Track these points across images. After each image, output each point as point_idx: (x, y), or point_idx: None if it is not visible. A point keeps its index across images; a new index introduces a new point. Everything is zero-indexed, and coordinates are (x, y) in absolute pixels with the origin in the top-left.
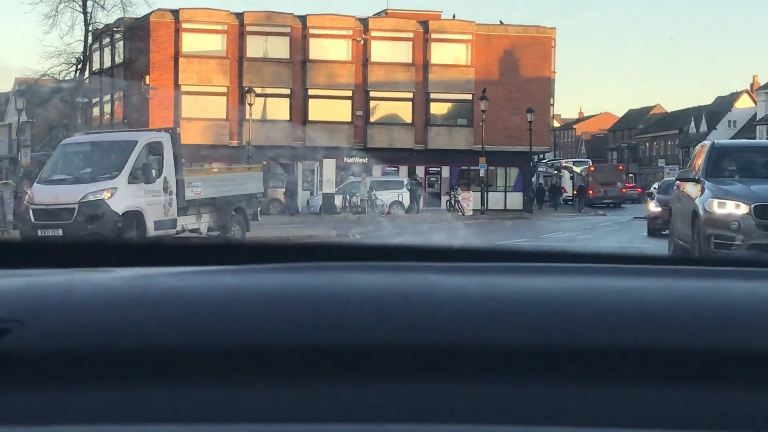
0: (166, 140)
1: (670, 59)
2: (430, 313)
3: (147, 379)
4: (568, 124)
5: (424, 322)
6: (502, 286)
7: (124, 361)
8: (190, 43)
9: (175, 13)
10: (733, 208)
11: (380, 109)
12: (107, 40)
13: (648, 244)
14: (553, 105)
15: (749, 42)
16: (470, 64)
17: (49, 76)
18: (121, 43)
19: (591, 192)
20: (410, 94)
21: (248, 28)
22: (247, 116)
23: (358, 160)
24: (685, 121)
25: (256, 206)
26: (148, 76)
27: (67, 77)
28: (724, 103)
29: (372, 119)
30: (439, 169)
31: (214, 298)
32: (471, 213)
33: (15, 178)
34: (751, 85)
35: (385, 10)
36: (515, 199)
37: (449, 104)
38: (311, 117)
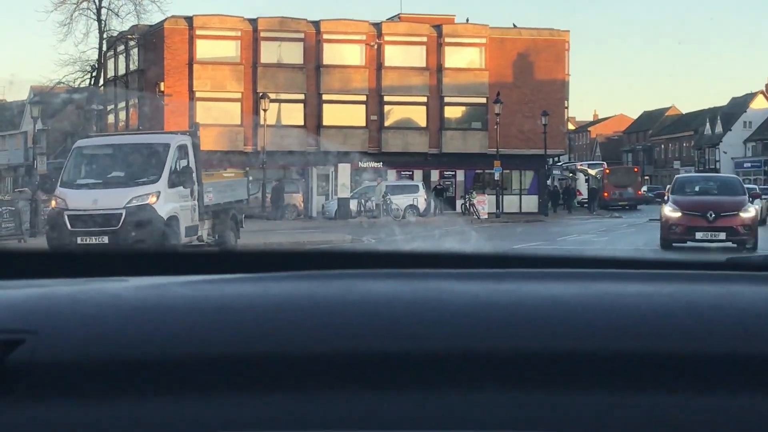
0: (189, 143)
1: (684, 60)
2: (443, 321)
3: (160, 388)
4: (583, 127)
5: (437, 330)
6: (515, 293)
7: (137, 370)
8: (204, 50)
9: (189, 20)
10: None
11: (394, 114)
12: (122, 48)
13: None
14: (568, 108)
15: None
16: (484, 68)
17: (64, 84)
18: (135, 51)
19: (606, 194)
20: (424, 98)
21: (262, 34)
22: (262, 122)
23: (373, 164)
24: (700, 122)
25: (241, 213)
26: (162, 83)
27: (82, 85)
28: (739, 104)
29: (386, 124)
30: (453, 173)
31: (227, 307)
32: (486, 216)
33: (31, 186)
34: (767, 86)
35: (399, 14)
36: (530, 203)
37: (463, 108)
38: (325, 122)
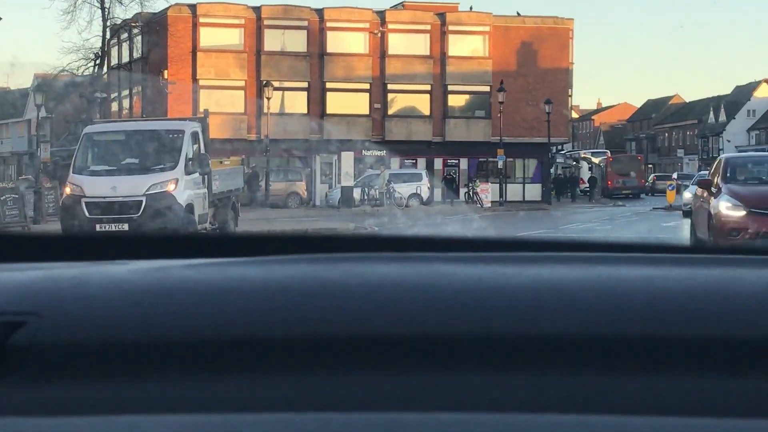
0: (199, 130)
1: (688, 49)
2: (446, 303)
3: (163, 370)
4: (587, 115)
5: (440, 313)
6: (518, 276)
7: (140, 352)
8: (208, 38)
9: (193, 8)
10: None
11: (398, 102)
12: (125, 35)
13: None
14: (571, 96)
15: None
16: (488, 56)
17: (67, 71)
18: (139, 38)
19: (610, 183)
20: (428, 87)
21: (265, 22)
22: (265, 110)
23: (376, 152)
24: (704, 110)
25: (238, 201)
26: (166, 71)
27: (86, 72)
28: (743, 93)
29: (390, 112)
30: (457, 162)
31: (231, 290)
32: (489, 205)
33: (34, 174)
34: None
35: (402, 2)
36: (534, 191)
37: (467, 96)
38: (329, 110)
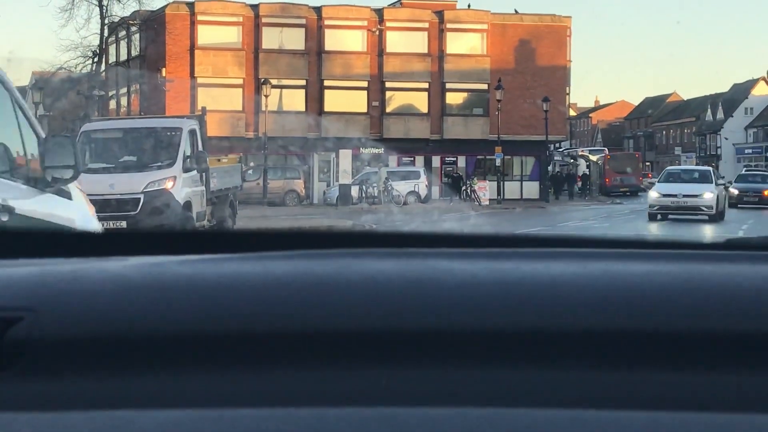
0: (197, 128)
1: (686, 46)
2: (442, 298)
3: (160, 365)
4: (584, 113)
5: (436, 308)
6: (514, 271)
7: (136, 348)
8: (206, 35)
9: (191, 6)
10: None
11: (396, 100)
12: (123, 33)
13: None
14: (569, 94)
15: (766, 29)
16: (486, 54)
17: (65, 69)
18: (137, 36)
19: (607, 180)
20: (426, 84)
21: (263, 20)
22: (263, 108)
23: (374, 150)
24: (702, 108)
25: (236, 199)
26: (164, 69)
27: (84, 70)
28: (741, 91)
29: (388, 110)
30: (455, 159)
31: (226, 285)
32: (487, 203)
33: None
34: None
35: (400, 0)
36: (531, 189)
37: (465, 94)
38: (327, 108)
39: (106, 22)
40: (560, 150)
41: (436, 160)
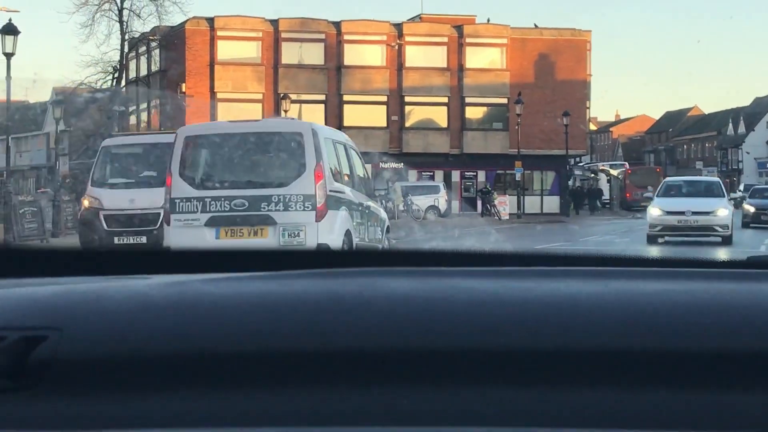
0: None
1: (706, 60)
2: (461, 318)
3: (183, 384)
4: (605, 127)
5: (456, 327)
6: (534, 290)
7: (160, 366)
8: (226, 51)
9: (210, 21)
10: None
11: (415, 114)
12: (143, 49)
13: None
14: (589, 108)
15: None
16: (505, 68)
17: (86, 85)
18: (156, 52)
19: (628, 195)
20: (445, 99)
21: (283, 35)
22: None
23: (394, 165)
24: (723, 122)
25: None
26: (184, 84)
27: (104, 86)
28: (762, 105)
29: (407, 124)
30: (474, 174)
31: (248, 304)
32: (507, 217)
33: (53, 187)
34: None
35: (420, 14)
36: (552, 203)
37: (484, 108)
38: (346, 123)
39: (127, 37)
40: (581, 164)
41: (456, 175)
